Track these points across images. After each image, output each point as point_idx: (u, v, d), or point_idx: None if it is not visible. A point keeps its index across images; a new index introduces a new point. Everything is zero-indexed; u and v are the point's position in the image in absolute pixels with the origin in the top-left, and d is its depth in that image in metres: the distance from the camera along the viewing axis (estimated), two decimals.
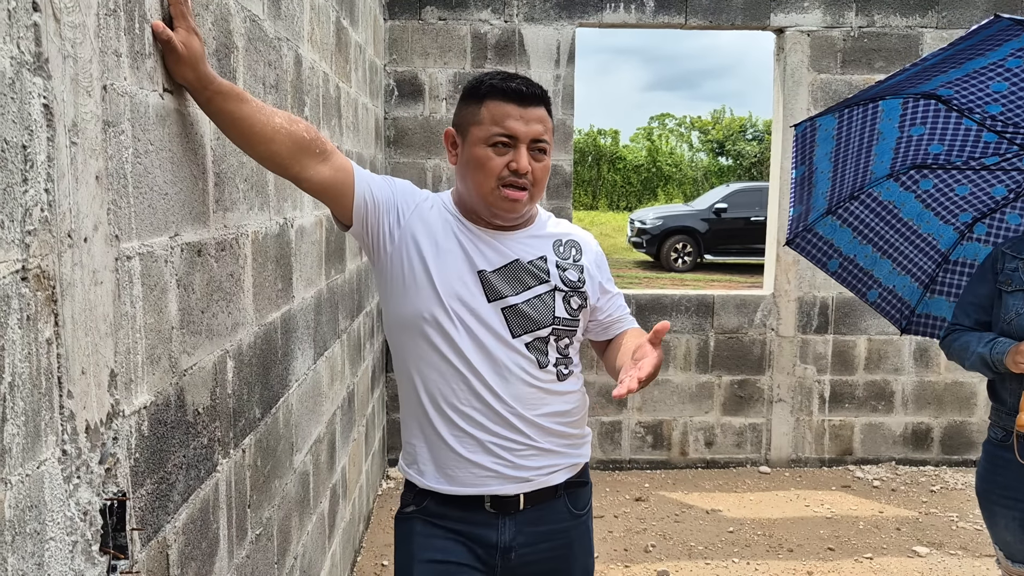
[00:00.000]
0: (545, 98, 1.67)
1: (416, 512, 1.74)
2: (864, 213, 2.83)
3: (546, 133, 1.64)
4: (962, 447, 5.26)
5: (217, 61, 1.70)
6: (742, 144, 32.60)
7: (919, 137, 2.59)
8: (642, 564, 3.90)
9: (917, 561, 3.95)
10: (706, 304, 5.16)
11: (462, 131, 1.67)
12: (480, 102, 1.63)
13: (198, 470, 1.60)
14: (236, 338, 1.85)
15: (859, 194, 2.79)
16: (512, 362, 1.65)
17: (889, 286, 2.95)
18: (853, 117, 2.50)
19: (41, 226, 1.00)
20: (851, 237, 2.87)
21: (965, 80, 2.26)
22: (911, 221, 2.83)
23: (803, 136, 2.57)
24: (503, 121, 1.60)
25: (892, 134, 2.58)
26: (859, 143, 2.59)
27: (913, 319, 3.00)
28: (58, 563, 1.04)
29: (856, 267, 2.93)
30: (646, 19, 4.92)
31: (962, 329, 2.50)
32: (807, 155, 2.61)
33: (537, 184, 1.65)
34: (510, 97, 1.61)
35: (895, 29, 4.96)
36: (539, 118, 1.63)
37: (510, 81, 1.63)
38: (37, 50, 1.00)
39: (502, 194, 1.62)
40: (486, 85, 1.64)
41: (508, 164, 1.61)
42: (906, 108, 2.50)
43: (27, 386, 0.97)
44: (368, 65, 4.19)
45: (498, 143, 1.61)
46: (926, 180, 2.75)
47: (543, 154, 1.65)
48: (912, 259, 2.89)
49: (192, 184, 1.56)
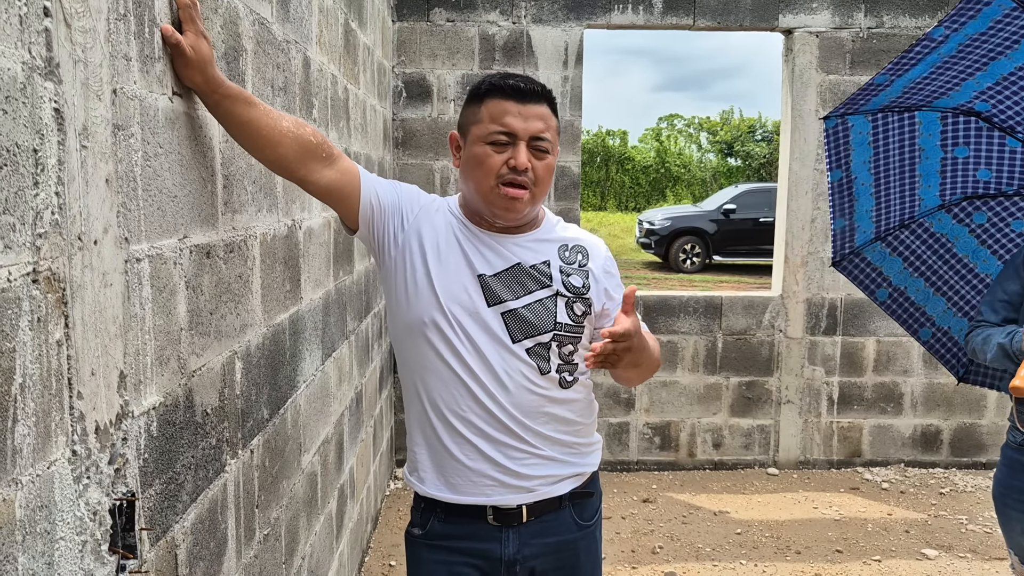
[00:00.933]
0: (547, 95, 1.63)
1: (421, 537, 1.73)
2: (915, 244, 2.69)
3: (547, 131, 1.61)
4: (972, 449, 5.24)
5: (226, 64, 1.71)
6: (751, 145, 32.49)
7: (964, 160, 2.51)
8: (649, 565, 3.90)
9: (926, 564, 3.94)
10: (714, 305, 5.15)
11: (464, 133, 1.67)
12: (480, 102, 1.63)
13: (206, 470, 1.61)
14: (244, 339, 1.86)
15: (909, 222, 2.66)
16: (513, 368, 1.63)
17: (944, 327, 2.78)
18: (889, 125, 2.43)
19: (52, 229, 1.01)
20: (902, 267, 2.73)
21: (999, 90, 2.19)
22: (966, 258, 2.68)
23: (835, 134, 2.47)
24: (501, 118, 1.59)
25: (935, 154, 2.50)
26: (900, 158, 2.51)
27: (972, 367, 2.79)
28: (68, 562, 1.05)
29: (907, 300, 2.77)
30: (654, 20, 4.91)
31: (987, 325, 2.43)
32: (843, 158, 2.51)
33: (539, 183, 1.62)
34: (508, 94, 1.59)
35: (904, 30, 4.94)
36: (539, 115, 1.60)
37: (508, 79, 1.61)
38: (48, 55, 1.01)
39: (501, 192, 1.59)
40: (486, 84, 1.63)
41: (507, 161, 1.59)
42: (945, 124, 2.42)
43: (38, 387, 0.98)
44: (376, 67, 4.20)
45: (496, 140, 1.59)
46: (980, 213, 2.62)
47: (545, 152, 1.61)
48: (968, 300, 2.72)
49: (201, 186, 1.57)
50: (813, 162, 5.01)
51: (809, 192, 5.03)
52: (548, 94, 1.64)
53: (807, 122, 4.98)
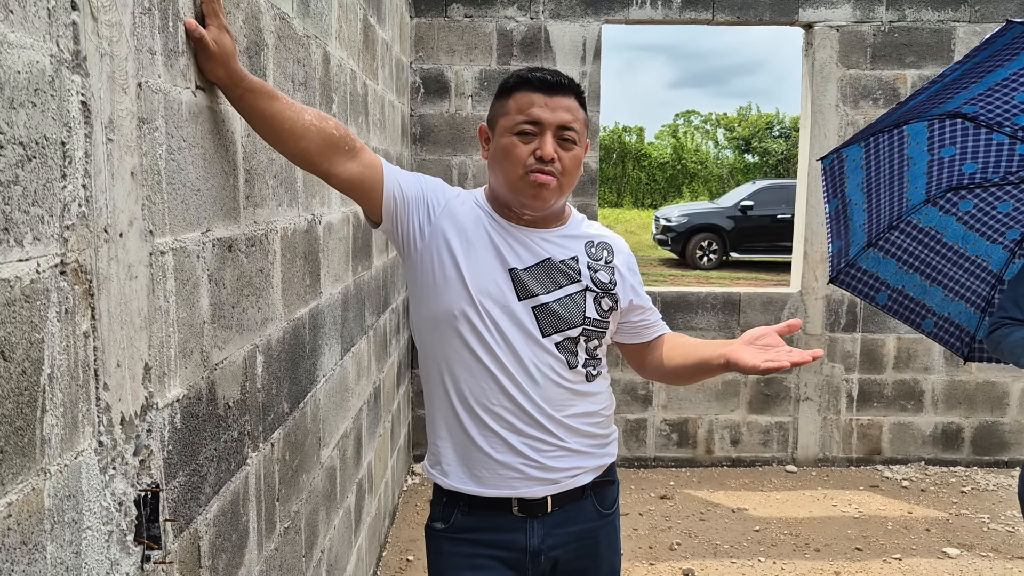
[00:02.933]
0: (574, 88, 1.64)
1: (444, 531, 1.73)
2: (906, 242, 2.75)
3: (575, 122, 1.61)
4: (994, 448, 5.18)
5: (248, 59, 1.72)
6: (768, 141, 32.32)
7: (951, 158, 2.53)
8: (667, 562, 3.89)
9: (947, 563, 3.90)
10: (732, 302, 5.12)
11: (492, 125, 1.68)
12: (509, 95, 1.64)
13: (228, 463, 1.62)
14: (265, 333, 1.87)
15: (898, 223, 2.72)
16: (542, 362, 1.64)
17: (944, 314, 2.86)
18: (880, 144, 2.46)
19: (79, 221, 1.02)
20: (896, 268, 2.80)
21: (988, 95, 2.21)
22: (956, 245, 2.75)
23: (831, 169, 2.54)
24: (527, 109, 1.59)
25: (922, 158, 2.53)
26: (890, 170, 2.54)
27: (975, 345, 2.89)
28: (95, 552, 1.06)
29: (906, 298, 2.85)
30: (673, 15, 4.89)
31: (1014, 324, 2.42)
32: (838, 188, 2.56)
33: (567, 174, 1.62)
34: (535, 86, 1.60)
35: (926, 23, 4.89)
36: (566, 107, 1.61)
37: (536, 71, 1.62)
38: (75, 48, 1.01)
39: (530, 179, 1.59)
40: (514, 77, 1.64)
41: (534, 152, 1.59)
42: (932, 130, 2.45)
43: (65, 378, 0.99)
44: (394, 62, 4.20)
45: (523, 131, 1.60)
46: (965, 201, 2.67)
47: (572, 144, 1.62)
48: (964, 284, 2.80)
49: (223, 180, 1.58)
50: None
51: None
52: (576, 87, 1.65)
53: (827, 117, 4.94)
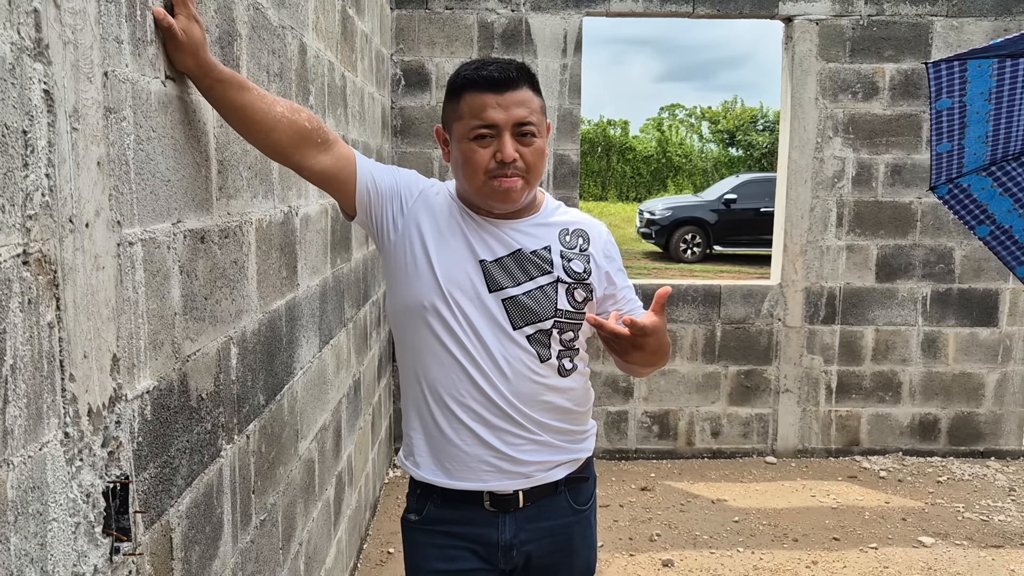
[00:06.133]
0: (524, 75, 1.59)
1: (418, 523, 1.73)
2: None
3: (531, 115, 1.58)
4: (970, 438, 5.24)
5: (220, 49, 1.70)
6: (752, 135, 32.43)
7: None
8: (647, 553, 3.92)
9: (922, 551, 3.95)
10: (713, 294, 5.15)
11: (447, 128, 1.66)
12: (459, 97, 1.60)
13: (201, 455, 1.62)
14: (240, 325, 1.86)
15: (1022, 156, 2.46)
16: (512, 356, 1.62)
17: None
18: (1018, 68, 2.22)
19: (42, 211, 1.01)
20: (1011, 207, 2.59)
21: None
22: None
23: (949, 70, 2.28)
24: (481, 112, 1.56)
25: None
26: None
27: None
28: (61, 544, 1.06)
29: (1011, 239, 2.65)
30: (653, 8, 4.89)
31: None
32: (956, 88, 2.31)
33: (531, 170, 1.60)
34: (484, 86, 1.56)
35: (904, 18, 4.92)
36: (520, 101, 1.57)
37: (483, 69, 1.57)
38: (37, 36, 1.00)
39: (494, 185, 1.58)
40: (460, 78, 1.60)
41: (494, 155, 1.57)
42: None
43: (29, 369, 0.98)
44: (375, 54, 4.19)
45: (480, 135, 1.57)
46: None
47: (532, 137, 1.59)
48: None
49: (195, 171, 1.57)
50: (812, 150, 4.99)
51: (808, 180, 5.02)
52: (526, 73, 1.61)
53: (807, 110, 4.97)
